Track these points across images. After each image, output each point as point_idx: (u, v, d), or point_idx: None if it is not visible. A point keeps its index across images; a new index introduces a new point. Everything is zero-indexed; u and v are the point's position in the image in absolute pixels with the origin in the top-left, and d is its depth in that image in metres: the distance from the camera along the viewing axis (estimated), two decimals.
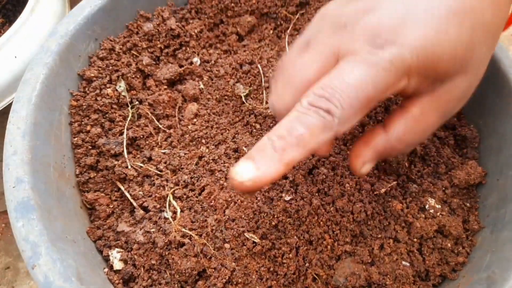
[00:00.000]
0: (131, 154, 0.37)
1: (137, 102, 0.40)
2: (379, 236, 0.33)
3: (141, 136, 0.38)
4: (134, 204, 0.35)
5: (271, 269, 0.32)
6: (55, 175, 0.33)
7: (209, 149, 0.37)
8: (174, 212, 0.34)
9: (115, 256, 0.33)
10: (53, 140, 0.35)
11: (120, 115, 0.38)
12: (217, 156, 0.36)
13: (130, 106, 0.39)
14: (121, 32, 0.42)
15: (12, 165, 0.30)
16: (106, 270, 0.33)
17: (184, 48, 0.43)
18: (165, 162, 0.37)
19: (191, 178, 0.36)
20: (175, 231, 0.32)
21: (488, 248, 0.32)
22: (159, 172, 0.36)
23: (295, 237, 0.32)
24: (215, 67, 0.43)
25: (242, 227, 0.32)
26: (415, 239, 0.33)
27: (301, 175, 0.34)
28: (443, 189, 0.36)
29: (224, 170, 0.35)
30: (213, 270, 0.31)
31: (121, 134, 0.38)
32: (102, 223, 0.35)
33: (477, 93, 0.38)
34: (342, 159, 0.36)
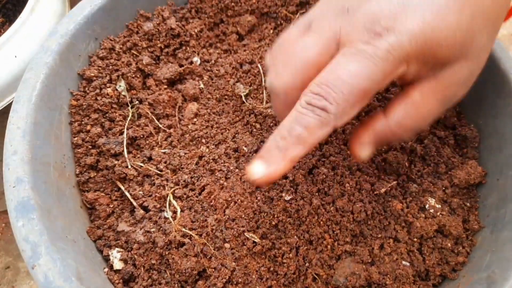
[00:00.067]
0: (131, 154, 0.37)
1: (137, 102, 0.40)
2: (379, 236, 0.33)
3: (141, 136, 0.38)
4: (134, 204, 0.35)
5: (271, 269, 0.32)
6: (55, 175, 0.33)
7: (209, 149, 0.37)
8: (174, 212, 0.34)
9: (115, 256, 0.33)
10: (53, 140, 0.35)
11: (120, 115, 0.38)
12: (217, 156, 0.36)
13: (130, 106, 0.39)
14: (121, 32, 0.42)
15: (12, 165, 0.30)
16: (106, 270, 0.33)
17: (184, 48, 0.43)
18: (165, 162, 0.37)
19: (191, 178, 0.36)
20: (175, 231, 0.32)
21: (488, 248, 0.32)
22: (159, 172, 0.36)
23: (295, 237, 0.32)
24: (215, 67, 0.43)
25: (242, 227, 0.32)
26: (415, 239, 0.34)
27: (301, 175, 0.34)
28: (443, 189, 0.36)
29: (224, 170, 0.35)
30: (213, 270, 0.31)
31: (121, 134, 0.38)
32: (102, 223, 0.35)
33: (477, 93, 0.39)
34: (342, 159, 0.36)
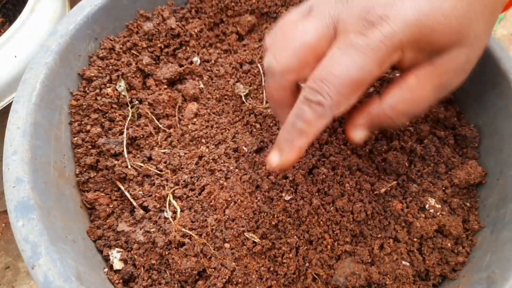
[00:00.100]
0: (131, 154, 0.37)
1: (137, 102, 0.40)
2: (379, 236, 0.33)
3: (141, 136, 0.38)
4: (134, 204, 0.35)
5: (271, 269, 0.32)
6: (55, 175, 0.33)
7: (209, 149, 0.37)
8: (174, 212, 0.34)
9: (115, 256, 0.33)
10: (53, 140, 0.35)
11: (120, 115, 0.38)
12: (217, 156, 0.36)
13: (130, 106, 0.39)
14: (121, 32, 0.42)
15: (12, 165, 0.30)
16: (106, 270, 0.33)
17: (184, 48, 0.43)
18: (165, 162, 0.37)
19: (191, 178, 0.35)
20: (175, 231, 0.32)
21: (488, 248, 0.32)
22: (159, 172, 0.36)
23: (295, 237, 0.32)
24: (215, 67, 0.43)
25: (242, 227, 0.32)
26: (415, 239, 0.33)
27: (301, 175, 0.34)
28: (443, 189, 0.36)
29: (224, 170, 0.35)
30: (213, 270, 0.31)
31: (121, 134, 0.38)
32: (102, 223, 0.35)
33: (477, 93, 0.39)
34: (342, 159, 0.36)
